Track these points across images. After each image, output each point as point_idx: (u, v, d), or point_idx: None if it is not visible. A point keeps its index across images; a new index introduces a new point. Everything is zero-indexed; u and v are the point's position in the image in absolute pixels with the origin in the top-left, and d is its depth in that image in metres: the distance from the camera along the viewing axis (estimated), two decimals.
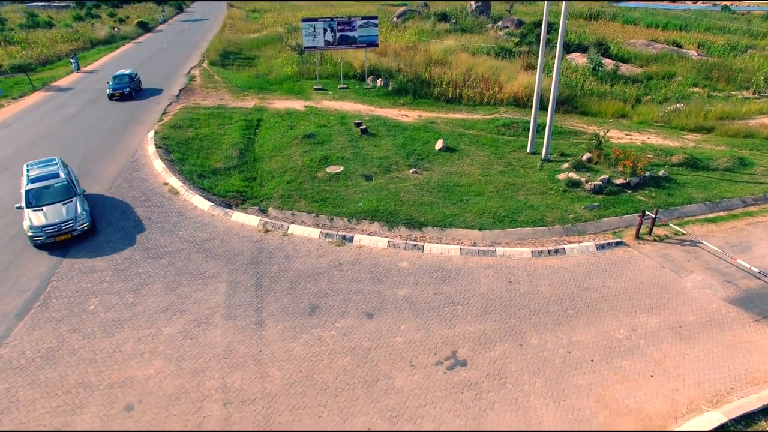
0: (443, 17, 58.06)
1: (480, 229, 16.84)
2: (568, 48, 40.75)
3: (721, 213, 18.33)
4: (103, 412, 10.20)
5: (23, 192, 16.44)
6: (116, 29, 57.15)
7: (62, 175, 17.05)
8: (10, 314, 12.90)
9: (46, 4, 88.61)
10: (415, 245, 15.96)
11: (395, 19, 61.14)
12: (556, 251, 15.89)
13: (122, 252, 15.50)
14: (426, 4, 72.13)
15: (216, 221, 17.37)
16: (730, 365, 11.69)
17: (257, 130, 25.77)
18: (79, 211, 16.09)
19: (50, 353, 11.64)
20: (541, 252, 15.79)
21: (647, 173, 20.09)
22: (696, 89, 33.57)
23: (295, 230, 16.80)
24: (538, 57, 21.36)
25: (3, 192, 19.10)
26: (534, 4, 78.72)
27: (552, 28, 33.40)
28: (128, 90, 31.06)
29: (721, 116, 28.15)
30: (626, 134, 25.97)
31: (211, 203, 18.30)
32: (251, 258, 15.32)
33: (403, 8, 67.75)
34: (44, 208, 15.87)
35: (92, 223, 16.54)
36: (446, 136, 24.12)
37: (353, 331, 12.48)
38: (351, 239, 16.28)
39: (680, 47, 44.84)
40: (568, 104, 29.63)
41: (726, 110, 28.80)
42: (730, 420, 10.11)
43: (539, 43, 21.58)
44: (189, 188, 19.27)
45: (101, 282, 14.12)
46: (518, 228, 16.98)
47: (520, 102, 30.06)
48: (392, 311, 13.20)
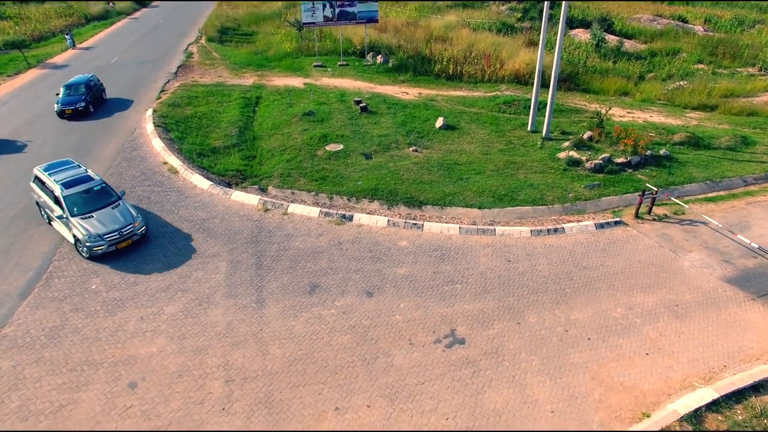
0: None
1: (479, 208, 16.86)
2: (571, 24, 40.01)
3: (722, 192, 18.30)
4: (108, 389, 10.40)
5: (60, 198, 14.46)
6: (111, 4, 56.03)
7: (95, 177, 15.50)
8: (14, 294, 13.03)
9: None
10: (415, 224, 16.00)
11: None
12: (555, 230, 15.93)
13: None
14: None
15: (216, 200, 17.38)
16: (724, 343, 11.85)
17: (256, 108, 25.56)
18: (134, 213, 14.92)
19: (54, 332, 11.81)
20: (540, 231, 15.84)
21: (648, 152, 19.98)
22: (701, 66, 33.08)
23: (295, 209, 16.82)
24: (541, 33, 21.03)
25: (2, 172, 19.06)
26: None
27: (555, 3, 32.70)
28: (83, 105, 23.95)
29: (725, 94, 27.80)
30: (628, 112, 25.72)
31: (211, 182, 18.28)
32: (251, 237, 15.38)
33: None
34: (94, 215, 14.34)
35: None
36: (447, 114, 23.92)
37: (353, 310, 12.62)
38: (351, 218, 16.31)
39: (686, 22, 43.99)
40: (570, 81, 29.27)
41: (730, 88, 28.43)
42: (722, 396, 10.31)
43: (542, 19, 21.20)
44: (188, 167, 19.22)
45: (102, 261, 14.19)
46: (518, 207, 16.99)
47: (522, 79, 29.69)
48: (391, 290, 13.32)
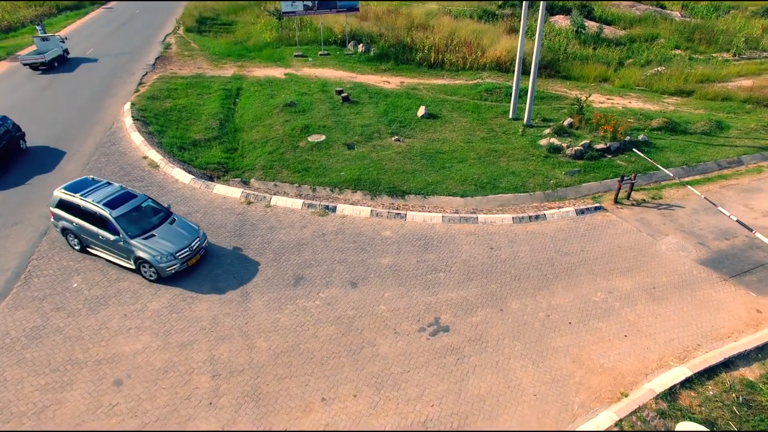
0: None
1: (462, 196, 17.00)
2: (552, 10, 40.13)
3: (697, 176, 18.70)
4: (93, 388, 10.37)
5: (111, 220, 13.11)
6: None
7: (136, 192, 14.37)
8: None
9: None
10: (398, 214, 16.09)
11: None
12: (537, 217, 16.16)
13: None
14: None
15: (198, 194, 17.24)
16: (698, 323, 12.22)
17: (237, 100, 25.28)
18: (194, 226, 14.23)
19: (35, 332, 11.69)
20: (522, 218, 16.05)
21: (627, 138, 20.29)
22: (678, 52, 33.53)
23: (278, 201, 16.78)
24: (521, 20, 21.09)
25: None
26: None
27: None
28: None
29: (701, 79, 28.28)
30: (608, 98, 26.02)
31: (192, 176, 18.12)
32: (234, 230, 15.33)
33: None
34: (155, 233, 13.38)
35: None
36: (428, 103, 23.93)
37: (337, 301, 12.70)
38: (334, 209, 16.33)
39: (664, 8, 44.46)
40: (551, 68, 29.45)
41: (706, 73, 28.92)
42: (695, 374, 10.68)
43: (522, 5, 21.25)
44: (169, 161, 19.00)
45: (83, 259, 14.05)
46: (500, 194, 17.16)
47: (503, 66, 29.78)
48: (376, 280, 13.42)
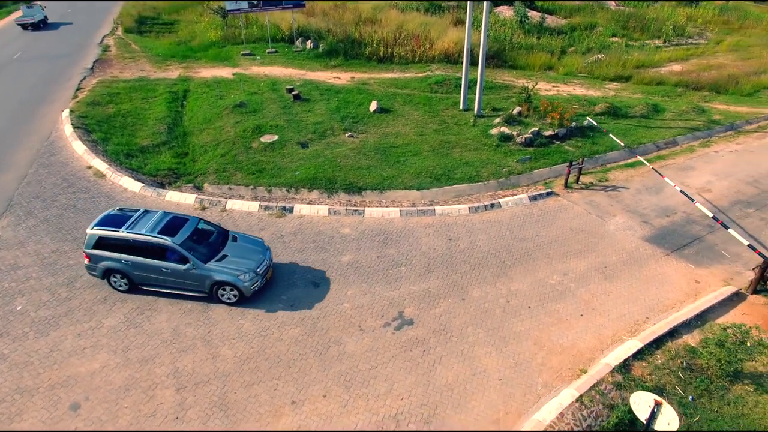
0: None
1: (418, 189, 17.21)
2: (496, 1, 40.92)
3: (639, 158, 19.65)
4: (47, 416, 9.89)
5: (175, 248, 12.11)
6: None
7: (186, 215, 13.59)
8: None
9: None
10: (356, 210, 16.13)
11: None
12: (492, 205, 16.58)
13: (49, 245, 14.63)
14: None
15: (149, 202, 16.66)
16: (646, 297, 12.95)
17: (184, 102, 24.51)
18: (259, 239, 13.86)
19: None
20: (478, 207, 16.43)
21: (573, 124, 21.08)
22: (615, 39, 35.00)
23: (234, 205, 16.47)
24: (467, 12, 21.43)
25: None
26: None
27: None
28: None
29: (637, 65, 29.68)
30: (553, 86, 26.90)
31: (143, 184, 17.48)
32: None
33: None
34: (226, 253, 12.71)
35: None
36: (380, 97, 24.00)
37: (301, 302, 12.64)
38: (291, 210, 16.19)
39: None
40: (498, 58, 30.09)
41: (641, 59, 30.38)
42: (645, 345, 11.35)
43: None
44: (116, 170, 18.25)
45: (27, 279, 13.32)
46: (455, 185, 17.49)
47: (452, 58, 30.18)
48: (338, 278, 13.44)
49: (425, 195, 17.07)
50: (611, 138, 19.81)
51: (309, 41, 32.31)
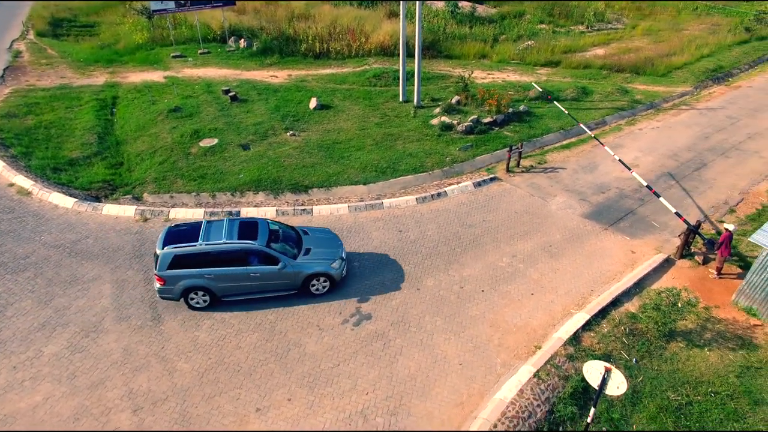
0: None
1: (365, 184, 17.27)
2: None
3: (573, 139, 20.69)
4: None
5: (265, 252, 12.01)
6: None
7: (250, 218, 13.53)
8: None
9: None
10: (304, 209, 15.99)
11: None
12: (439, 195, 16.91)
13: None
14: None
15: (85, 218, 15.74)
16: (589, 271, 13.71)
17: (114, 109, 23.23)
18: (327, 228, 14.30)
19: None
20: (425, 198, 16.71)
21: (510, 110, 21.81)
22: (543, 26, 36.40)
23: (177, 213, 15.86)
24: (400, 4, 21.59)
25: None
26: None
27: None
28: None
29: (565, 50, 31.05)
30: (488, 74, 27.67)
31: (75, 199, 16.46)
32: (134, 251, 14.26)
33: None
34: (309, 247, 12.89)
35: None
36: (319, 94, 23.80)
37: (256, 307, 12.42)
38: (238, 214, 15.80)
39: None
40: (433, 49, 30.53)
41: (568, 44, 31.82)
42: (592, 316, 12.06)
43: None
44: (43, 186, 17.06)
45: None
46: (401, 177, 17.69)
47: (388, 51, 30.32)
48: None
49: (372, 189, 17.16)
50: (557, 106, 20.67)
51: (242, 40, 31.44)
